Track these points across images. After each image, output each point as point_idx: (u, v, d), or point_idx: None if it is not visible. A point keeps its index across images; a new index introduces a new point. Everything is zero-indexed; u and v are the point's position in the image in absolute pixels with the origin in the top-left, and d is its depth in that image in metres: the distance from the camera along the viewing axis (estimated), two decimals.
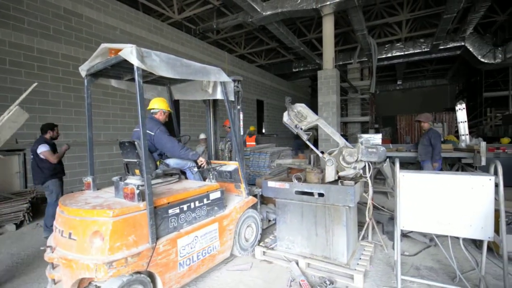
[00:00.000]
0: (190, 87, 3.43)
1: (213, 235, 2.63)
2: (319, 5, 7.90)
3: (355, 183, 2.68)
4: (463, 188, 2.09)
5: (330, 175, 2.74)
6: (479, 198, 2.04)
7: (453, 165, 6.01)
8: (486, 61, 11.92)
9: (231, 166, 3.25)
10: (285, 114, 3.11)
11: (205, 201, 2.60)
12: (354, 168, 2.78)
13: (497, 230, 2.18)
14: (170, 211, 2.27)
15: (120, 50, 2.06)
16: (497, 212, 2.09)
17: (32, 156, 3.78)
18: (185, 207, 2.40)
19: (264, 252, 3.02)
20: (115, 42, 6.72)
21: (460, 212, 2.10)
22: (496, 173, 2.03)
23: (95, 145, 3.22)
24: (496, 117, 14.18)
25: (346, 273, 2.53)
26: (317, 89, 8.58)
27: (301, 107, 3.08)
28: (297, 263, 2.75)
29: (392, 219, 3.63)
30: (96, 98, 6.33)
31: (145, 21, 7.53)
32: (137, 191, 2.07)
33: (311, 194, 2.75)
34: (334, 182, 2.75)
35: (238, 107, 3.36)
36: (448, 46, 12.11)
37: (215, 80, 2.88)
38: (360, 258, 2.73)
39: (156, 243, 2.09)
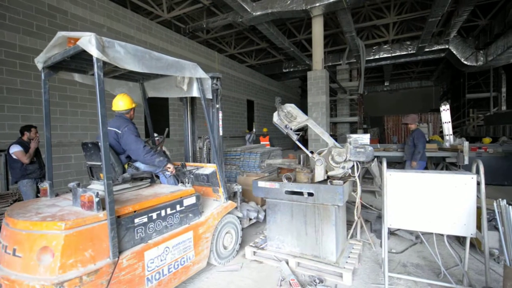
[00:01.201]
0: (165, 84, 3.18)
1: (187, 244, 2.41)
2: (308, 7, 7.98)
3: (344, 182, 2.72)
4: (447, 187, 2.15)
5: (319, 174, 2.77)
6: (462, 196, 2.11)
7: (438, 164, 6.19)
8: (468, 64, 12.35)
9: (208, 169, 3.04)
10: (275, 114, 3.12)
11: (178, 207, 2.38)
12: (343, 167, 2.82)
13: (479, 227, 2.27)
14: (137, 220, 2.04)
15: (79, 39, 1.81)
16: (479, 209, 2.17)
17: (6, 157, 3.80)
18: (154, 215, 2.17)
19: (254, 252, 3.02)
20: None
21: (444, 210, 2.16)
22: (478, 172, 2.10)
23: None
24: (478, 118, 14.68)
25: (335, 271, 2.56)
26: (307, 89, 8.67)
27: (291, 108, 3.10)
28: (287, 263, 2.76)
29: (379, 217, 3.70)
30: (82, 97, 6.17)
31: (134, 19, 7.40)
32: (96, 199, 1.84)
33: (301, 193, 2.77)
34: (324, 181, 2.78)
35: (217, 105, 3.16)
36: (433, 48, 12.48)
37: (191, 76, 2.71)
38: (349, 256, 2.78)
39: (118, 257, 1.86)
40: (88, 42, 1.75)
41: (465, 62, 12.35)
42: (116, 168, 2.54)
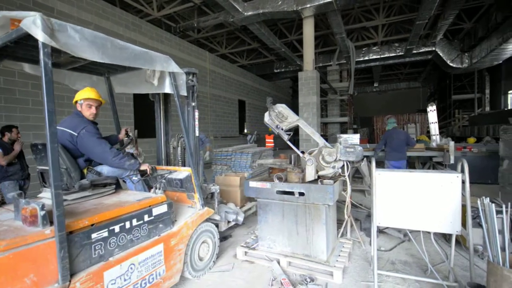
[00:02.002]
0: (133, 78, 2.83)
1: (156, 259, 2.14)
2: (299, 7, 8.03)
3: (334, 182, 2.75)
4: (434, 186, 2.21)
5: (310, 174, 2.80)
6: (448, 194, 2.17)
7: (425, 163, 6.34)
8: (454, 66, 12.72)
9: (182, 172, 2.76)
10: (266, 114, 3.13)
11: (146, 217, 2.11)
12: (333, 167, 2.85)
13: (464, 224, 2.33)
14: (95, 235, 1.74)
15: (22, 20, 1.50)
16: (464, 207, 2.23)
17: None
18: (116, 228, 1.88)
19: (245, 252, 3.01)
20: None
21: (431, 208, 2.21)
22: (463, 171, 2.16)
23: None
24: (464, 119, 15.14)
25: (326, 270, 2.59)
26: (298, 90, 8.73)
27: (282, 108, 3.11)
28: (278, 262, 2.77)
29: (369, 216, 3.76)
30: (69, 96, 6.02)
31: (122, 17, 7.28)
32: (41, 213, 1.56)
33: (292, 193, 2.78)
34: (314, 181, 2.81)
35: (193, 104, 2.90)
36: (421, 50, 12.78)
37: (162, 70, 2.43)
38: (339, 255, 2.81)
39: (70, 281, 1.58)
40: (32, 23, 1.45)
41: (451, 64, 12.71)
42: (72, 173, 2.21)
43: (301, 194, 2.72)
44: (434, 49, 12.56)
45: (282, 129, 3.06)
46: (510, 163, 3.36)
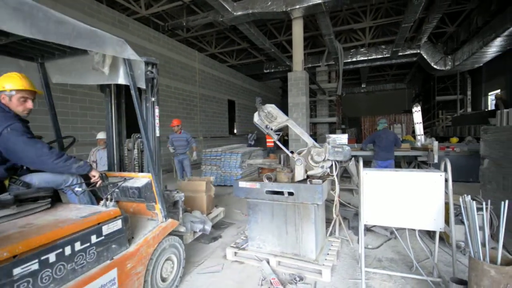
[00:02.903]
0: (77, 65, 2.24)
1: None
2: (288, 8, 8.08)
3: (323, 181, 2.78)
4: (418, 184, 2.27)
5: (299, 174, 2.82)
6: (431, 193, 2.23)
7: (410, 163, 6.51)
8: (438, 68, 13.13)
9: (141, 180, 2.36)
10: (256, 114, 3.13)
11: (94, 239, 1.67)
12: (322, 167, 2.88)
13: (447, 221, 2.41)
14: (18, 270, 1.27)
15: None
16: (447, 205, 2.30)
17: None
18: (52, 257, 1.42)
19: (235, 252, 3.00)
20: None
21: (416, 206, 2.27)
22: (446, 170, 2.23)
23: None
24: (447, 119, 15.65)
25: (315, 268, 2.61)
26: (288, 90, 8.78)
27: (271, 108, 3.12)
28: (268, 262, 2.78)
29: (357, 214, 3.83)
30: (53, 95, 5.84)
31: (109, 14, 7.11)
32: None
33: (281, 193, 2.79)
34: (303, 181, 2.83)
35: (153, 99, 2.50)
36: (406, 53, 13.12)
37: (115, 56, 1.99)
38: (328, 254, 2.84)
39: None
40: None
41: (435, 66, 13.11)
42: None
43: (291, 193, 2.74)
44: (419, 51, 12.92)
45: (271, 129, 3.07)
46: (490, 162, 3.50)
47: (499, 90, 13.39)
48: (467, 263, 2.50)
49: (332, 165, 2.94)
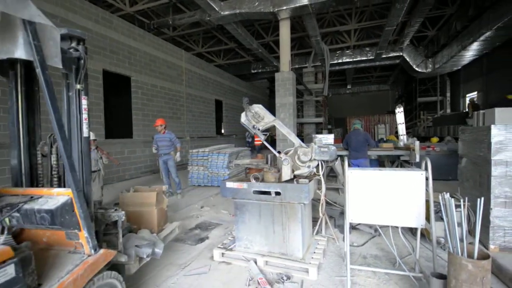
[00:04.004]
0: None
1: None
2: (276, 9, 8.12)
3: (309, 181, 2.82)
4: (400, 183, 2.34)
5: (286, 174, 2.84)
6: (413, 191, 2.31)
7: (393, 162, 6.69)
8: (419, 70, 13.59)
9: (55, 198, 1.78)
10: (243, 114, 3.13)
11: None
12: (308, 166, 2.92)
13: (428, 218, 2.50)
14: None
15: None
16: (427, 202, 2.39)
17: None
18: None
19: (222, 253, 2.99)
20: None
21: (398, 204, 2.34)
22: (426, 169, 2.32)
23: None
24: (428, 120, 16.22)
25: (302, 267, 2.64)
26: (275, 90, 8.82)
27: (258, 108, 3.13)
28: (255, 262, 2.78)
29: (342, 213, 3.90)
30: None
31: (91, 10, 6.90)
32: None
33: (268, 193, 2.80)
34: (290, 180, 2.85)
35: (78, 86, 1.93)
36: (389, 55, 13.50)
37: (6, 14, 1.43)
38: (314, 252, 2.88)
39: None
40: None
41: (417, 69, 13.57)
42: None
43: (278, 193, 2.76)
44: (401, 54, 13.33)
45: (258, 129, 3.08)
46: (467, 161, 3.66)
47: (476, 92, 14.03)
48: (446, 258, 2.60)
49: (318, 164, 2.99)
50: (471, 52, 11.03)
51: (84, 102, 1.99)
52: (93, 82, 6.98)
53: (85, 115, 2.00)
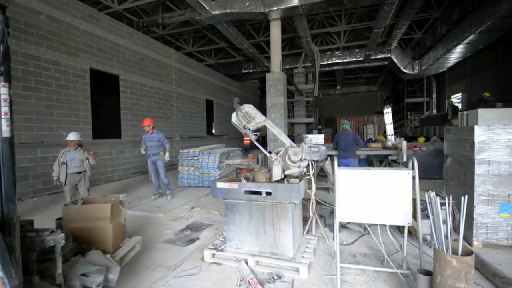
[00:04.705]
0: None
1: None
2: (266, 10, 8.14)
3: (300, 180, 2.84)
4: (388, 182, 2.39)
5: (277, 174, 2.85)
6: (400, 189, 2.36)
7: (382, 161, 6.82)
8: (407, 72, 13.91)
9: None
10: (234, 114, 3.12)
11: None
12: (299, 166, 2.94)
13: (415, 216, 2.56)
14: None
15: None
16: (414, 201, 2.44)
17: None
18: None
19: (213, 254, 2.97)
20: (39, 28, 5.86)
21: (386, 203, 2.39)
22: (413, 168, 2.37)
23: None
24: (415, 120, 16.62)
25: (292, 266, 2.66)
26: (266, 91, 8.85)
27: (249, 108, 3.13)
28: (246, 262, 2.78)
29: (332, 212, 3.94)
30: (15, 93, 5.41)
31: (78, 8, 6.73)
32: None
33: (259, 193, 2.81)
34: (281, 180, 2.87)
35: None
36: (378, 56, 13.76)
37: None
38: (305, 251, 2.90)
39: None
40: None
41: (404, 70, 13.88)
42: None
43: (268, 193, 2.76)
44: (389, 55, 13.61)
45: (249, 129, 3.07)
46: (452, 160, 3.77)
47: (460, 94, 14.47)
48: (432, 255, 2.67)
49: (308, 164, 3.01)
50: (455, 54, 11.37)
51: (3, 91, 1.56)
52: (80, 81, 6.81)
53: (4, 108, 1.56)
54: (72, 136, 4.56)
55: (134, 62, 8.65)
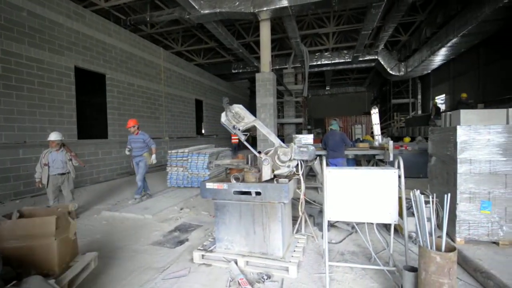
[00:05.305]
0: None
1: None
2: (256, 10, 8.15)
3: (289, 180, 2.85)
4: (375, 181, 2.43)
5: (266, 174, 2.85)
6: (387, 188, 2.41)
7: (369, 161, 6.95)
8: (393, 73, 14.25)
9: None
10: (223, 114, 3.11)
11: None
12: (288, 166, 2.96)
13: (401, 214, 2.62)
14: None
15: None
16: (400, 199, 2.50)
17: None
18: None
19: (203, 255, 2.95)
20: (21, 25, 5.65)
21: (373, 201, 2.44)
22: (399, 167, 2.43)
23: None
24: (401, 120, 17.04)
25: (282, 266, 2.67)
26: (256, 91, 8.85)
27: (238, 108, 3.12)
28: (236, 263, 2.77)
29: (321, 211, 3.99)
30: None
31: (62, 4, 6.53)
32: None
33: (249, 193, 2.80)
34: (270, 180, 2.87)
35: None
36: (365, 58, 14.03)
37: None
38: (294, 251, 2.92)
39: None
40: None
41: (391, 72, 14.21)
42: None
43: (258, 193, 2.76)
44: (376, 57, 13.90)
45: (239, 129, 3.07)
46: (436, 160, 3.88)
47: (444, 95, 14.93)
48: (418, 252, 2.74)
49: (298, 164, 3.03)
50: (439, 57, 11.74)
51: None
52: (64, 79, 6.62)
53: None
54: (54, 136, 4.40)
55: (121, 60, 8.48)
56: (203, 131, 14.87)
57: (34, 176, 4.43)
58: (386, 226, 3.74)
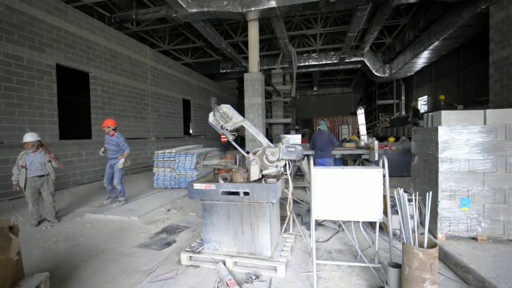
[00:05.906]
0: None
1: None
2: (244, 10, 8.15)
3: (277, 180, 2.87)
4: (361, 180, 2.49)
5: (254, 174, 2.86)
6: (372, 187, 2.47)
7: (356, 160, 7.09)
8: (378, 75, 14.61)
9: None
10: (211, 114, 3.09)
11: None
12: (276, 166, 2.97)
13: (385, 212, 2.69)
14: None
15: None
16: (385, 197, 2.57)
17: None
18: None
19: (190, 257, 2.92)
20: None
21: (359, 200, 2.49)
22: (383, 166, 2.49)
23: None
24: (386, 121, 17.49)
25: (270, 265, 2.68)
26: (244, 91, 8.85)
27: (226, 108, 3.11)
28: (224, 263, 2.76)
29: (309, 211, 4.03)
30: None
31: (44, 0, 6.29)
32: None
33: (237, 193, 2.80)
34: (258, 180, 2.88)
35: None
36: (352, 60, 14.31)
37: None
38: (282, 250, 2.94)
39: None
40: None
41: (376, 73, 14.56)
42: None
43: (246, 193, 2.76)
44: (362, 59, 14.21)
45: (227, 129, 3.06)
46: (419, 159, 4.01)
47: (426, 96, 15.44)
48: (402, 249, 2.82)
49: (286, 164, 3.05)
50: (422, 59, 12.14)
51: None
52: (45, 77, 6.37)
53: None
54: (28, 138, 4.19)
55: (105, 59, 8.26)
56: (190, 131, 14.71)
57: (11, 178, 4.24)
58: (372, 224, 3.82)
